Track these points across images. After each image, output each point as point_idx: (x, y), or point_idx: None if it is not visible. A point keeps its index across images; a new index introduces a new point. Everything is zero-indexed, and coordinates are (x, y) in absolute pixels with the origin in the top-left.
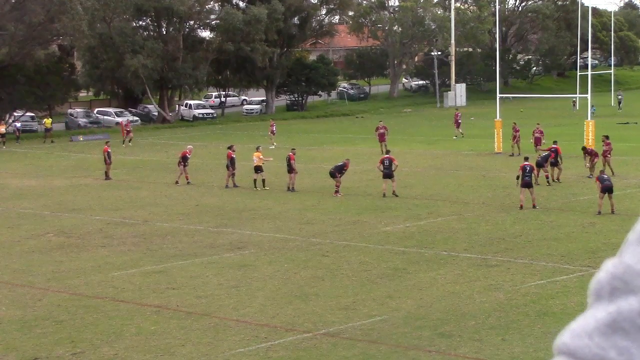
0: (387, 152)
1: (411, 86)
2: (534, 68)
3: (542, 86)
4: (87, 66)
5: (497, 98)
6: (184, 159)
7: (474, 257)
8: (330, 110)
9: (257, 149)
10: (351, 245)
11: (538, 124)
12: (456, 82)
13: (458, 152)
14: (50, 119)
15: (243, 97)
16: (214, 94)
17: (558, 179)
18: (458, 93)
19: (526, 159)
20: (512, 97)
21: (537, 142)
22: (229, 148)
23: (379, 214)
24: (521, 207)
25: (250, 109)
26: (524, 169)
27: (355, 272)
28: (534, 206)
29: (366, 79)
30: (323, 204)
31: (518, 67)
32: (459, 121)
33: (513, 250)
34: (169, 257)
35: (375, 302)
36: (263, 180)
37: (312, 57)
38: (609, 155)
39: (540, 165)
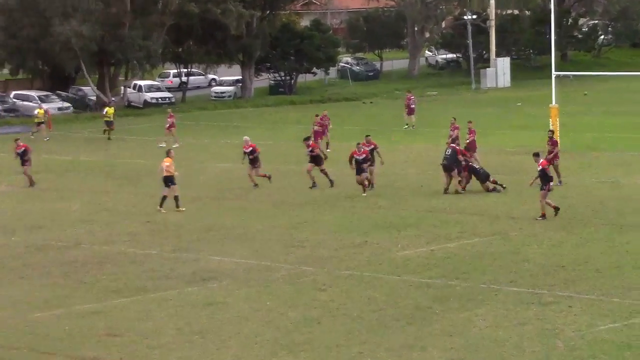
0: (453, 140)
1: (437, 61)
2: (602, 37)
3: (613, 60)
4: (0, 34)
5: (553, 77)
6: (253, 158)
7: (522, 292)
8: (328, 93)
9: (168, 153)
10: (356, 276)
11: (470, 122)
12: (497, 55)
13: (500, 150)
14: (112, 108)
15: (211, 76)
16: (172, 71)
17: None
18: (500, 70)
19: None
20: (573, 75)
21: (469, 144)
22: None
23: (394, 233)
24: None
25: (221, 92)
26: None
27: (362, 313)
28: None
29: (377, 52)
30: (318, 220)
31: (580, 36)
32: (412, 106)
33: (576, 283)
34: (110, 293)
35: (390, 353)
36: (176, 198)
37: (304, 22)
38: (555, 160)
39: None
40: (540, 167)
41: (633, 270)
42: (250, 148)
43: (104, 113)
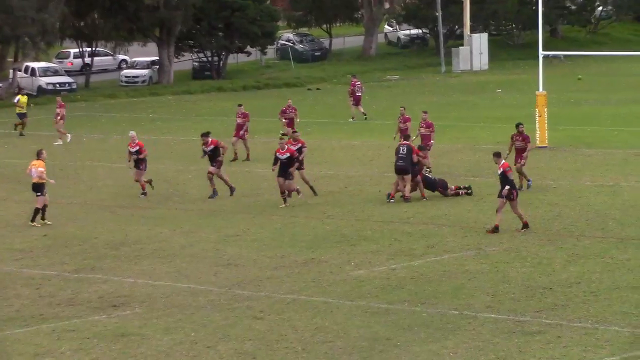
0: (406, 136)
1: (399, 38)
2: (600, 8)
3: (613, 37)
4: None
5: (540, 57)
6: (138, 160)
7: (502, 319)
8: (265, 77)
9: (39, 155)
10: (300, 301)
11: (425, 112)
12: (472, 31)
13: (476, 146)
14: (25, 96)
15: (121, 57)
16: (72, 51)
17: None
18: (475, 49)
19: None
20: (564, 55)
21: (426, 139)
22: None
23: (347, 248)
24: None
25: (134, 76)
26: None
27: (308, 345)
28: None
29: (325, 27)
30: (253, 233)
31: (574, 7)
32: (358, 94)
33: (566, 308)
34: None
35: None
36: (43, 210)
37: None
38: (521, 160)
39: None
40: (501, 169)
41: (634, 293)
42: (137, 147)
43: (16, 102)
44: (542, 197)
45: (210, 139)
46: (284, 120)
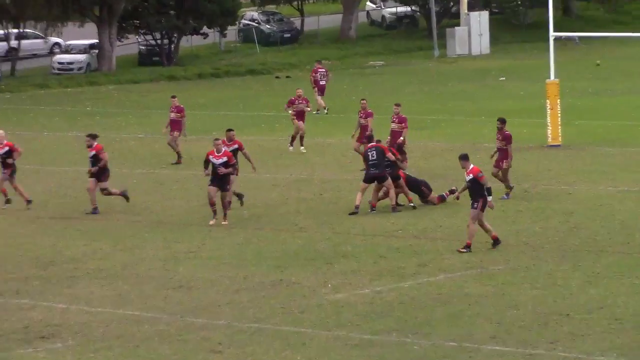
0: (370, 138)
1: (384, 17)
2: None
3: (637, 16)
4: None
5: (551, 39)
6: (6, 163)
7: (509, 352)
8: (225, 64)
9: None
10: (266, 331)
11: (397, 105)
12: (471, 9)
13: (473, 145)
14: None
15: (54, 40)
16: None
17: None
18: (474, 30)
19: None
20: (579, 36)
21: (396, 136)
22: None
23: (322, 266)
24: None
25: (69, 63)
26: None
27: None
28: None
29: (296, 4)
30: (210, 249)
31: None
32: (322, 83)
33: (586, 338)
34: None
35: None
36: None
37: None
38: (504, 162)
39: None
40: (471, 175)
41: None
42: (6, 148)
43: None
44: (555, 206)
45: (95, 143)
46: (292, 112)
